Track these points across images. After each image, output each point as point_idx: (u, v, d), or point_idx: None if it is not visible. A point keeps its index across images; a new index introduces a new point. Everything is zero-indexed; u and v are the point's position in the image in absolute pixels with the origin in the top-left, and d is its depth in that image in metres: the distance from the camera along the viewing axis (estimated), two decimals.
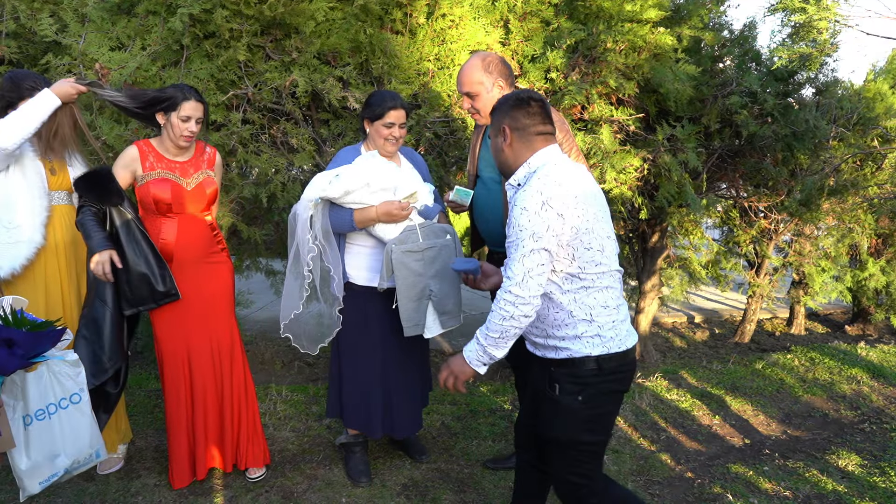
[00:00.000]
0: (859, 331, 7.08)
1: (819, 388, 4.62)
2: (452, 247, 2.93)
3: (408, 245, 2.83)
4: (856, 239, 6.24)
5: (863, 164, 5.87)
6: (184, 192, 2.89)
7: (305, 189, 2.85)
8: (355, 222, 2.85)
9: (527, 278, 2.03)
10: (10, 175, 2.87)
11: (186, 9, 3.18)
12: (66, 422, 2.56)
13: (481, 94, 2.80)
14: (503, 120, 2.22)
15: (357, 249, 3.00)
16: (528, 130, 2.20)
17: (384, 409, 3.12)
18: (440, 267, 2.88)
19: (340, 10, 3.47)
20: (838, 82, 5.15)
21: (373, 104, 2.96)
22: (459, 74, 2.84)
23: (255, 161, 3.65)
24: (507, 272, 2.08)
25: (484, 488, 3.18)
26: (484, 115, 2.85)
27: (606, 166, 3.82)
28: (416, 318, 2.88)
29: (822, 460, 3.56)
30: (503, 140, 2.22)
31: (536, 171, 2.16)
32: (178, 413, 2.99)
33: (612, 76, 3.80)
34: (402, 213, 2.83)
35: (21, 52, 3.49)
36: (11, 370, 2.32)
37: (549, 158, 2.17)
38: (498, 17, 3.80)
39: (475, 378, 3.41)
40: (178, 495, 3.03)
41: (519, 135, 2.20)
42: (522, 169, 2.20)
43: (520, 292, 2.04)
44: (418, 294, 2.86)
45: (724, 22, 4.83)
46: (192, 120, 2.81)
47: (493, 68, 2.78)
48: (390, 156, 3.03)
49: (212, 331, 3.01)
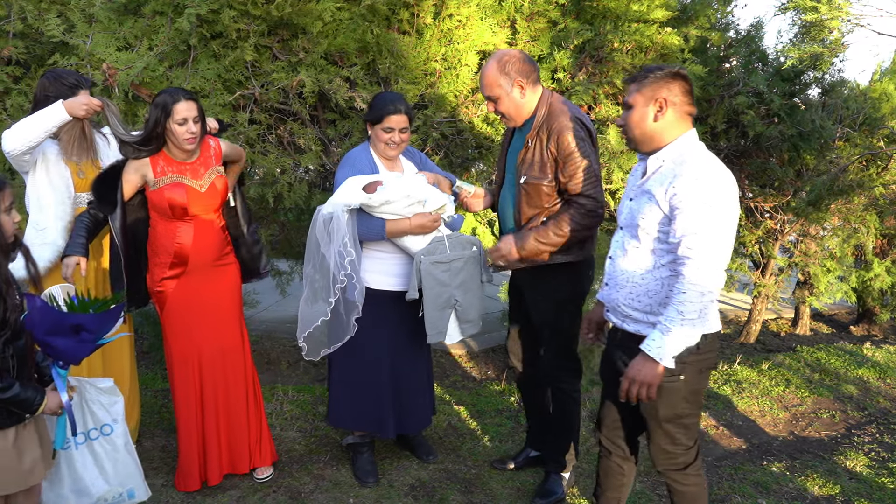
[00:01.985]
0: (864, 331, 7.07)
1: (825, 388, 4.61)
2: (478, 259, 2.93)
3: (436, 256, 2.84)
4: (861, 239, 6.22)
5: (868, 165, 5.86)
6: (198, 195, 2.87)
7: (336, 194, 2.83)
8: (387, 233, 2.84)
9: (713, 252, 2.05)
10: (38, 176, 2.90)
11: (194, 9, 3.18)
12: (94, 454, 2.46)
13: (502, 97, 2.73)
14: (660, 91, 2.15)
15: (374, 254, 2.97)
16: (683, 108, 2.18)
17: (395, 408, 3.12)
18: (466, 278, 2.89)
19: (347, 10, 3.47)
20: (844, 82, 5.14)
21: (374, 107, 2.93)
22: (480, 78, 2.79)
23: (261, 161, 3.65)
24: (691, 247, 2.05)
25: (491, 489, 3.18)
26: (511, 117, 2.79)
27: (613, 166, 3.82)
28: (440, 325, 2.91)
29: (830, 461, 3.55)
30: (657, 111, 2.16)
31: (691, 150, 2.16)
32: (187, 416, 2.98)
33: (619, 76, 3.80)
34: (434, 225, 2.85)
35: (28, 53, 3.49)
36: (83, 356, 2.25)
37: (695, 139, 2.20)
38: (505, 18, 3.80)
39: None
40: (186, 495, 3.03)
41: (674, 110, 2.16)
42: (674, 147, 2.17)
43: (709, 270, 2.04)
44: (444, 303, 2.88)
45: (731, 22, 4.82)
46: (188, 121, 2.74)
47: (511, 68, 2.69)
48: (392, 160, 3.02)
49: (222, 331, 3.01)
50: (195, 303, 2.93)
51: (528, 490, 3.17)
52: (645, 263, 2.21)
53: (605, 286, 2.38)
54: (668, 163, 2.17)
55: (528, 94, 2.73)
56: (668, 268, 2.16)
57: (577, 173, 2.67)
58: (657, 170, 2.19)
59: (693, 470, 2.34)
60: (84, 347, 2.22)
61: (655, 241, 2.18)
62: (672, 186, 2.09)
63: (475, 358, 5.21)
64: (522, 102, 2.74)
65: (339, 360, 3.10)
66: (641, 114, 2.18)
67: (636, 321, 2.25)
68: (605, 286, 2.39)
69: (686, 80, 2.17)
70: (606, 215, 4.25)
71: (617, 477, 2.57)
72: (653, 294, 2.20)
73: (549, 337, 2.98)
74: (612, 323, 2.41)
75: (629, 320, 2.27)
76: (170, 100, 2.71)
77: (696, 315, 2.06)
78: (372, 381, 3.08)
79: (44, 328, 2.09)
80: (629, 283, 2.25)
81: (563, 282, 2.90)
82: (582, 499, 3.15)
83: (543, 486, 3.10)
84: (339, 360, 3.10)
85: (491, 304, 6.41)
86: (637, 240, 2.22)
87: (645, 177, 2.23)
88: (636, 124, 2.20)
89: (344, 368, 3.11)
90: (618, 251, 2.32)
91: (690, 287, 2.04)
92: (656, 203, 2.14)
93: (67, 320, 2.15)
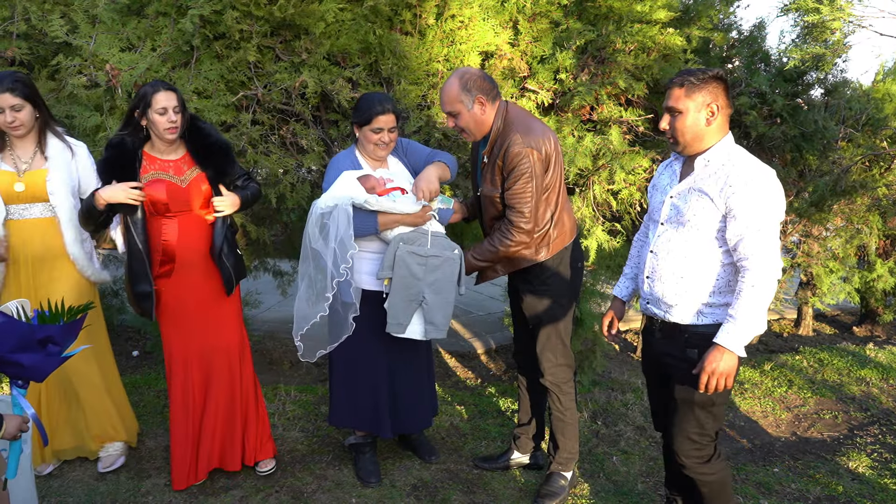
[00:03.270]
0: (867, 332, 7.05)
1: (828, 389, 4.60)
2: (457, 262, 2.90)
3: (414, 247, 2.84)
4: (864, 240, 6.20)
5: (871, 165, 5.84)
6: (179, 189, 2.87)
7: (333, 188, 2.83)
8: (379, 225, 2.85)
9: (774, 246, 2.20)
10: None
11: (197, 10, 3.19)
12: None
13: (462, 112, 2.78)
14: (709, 96, 2.24)
15: (365, 255, 2.97)
16: (727, 110, 2.29)
17: (394, 409, 3.12)
18: (440, 277, 2.88)
19: (350, 11, 3.47)
20: (847, 83, 5.12)
21: (360, 109, 2.91)
22: (440, 94, 2.83)
23: (264, 161, 3.65)
24: (756, 244, 2.18)
25: (493, 489, 3.18)
26: (471, 132, 2.85)
27: (616, 167, 3.82)
28: (402, 318, 2.89)
29: (832, 462, 3.55)
30: (709, 116, 2.25)
31: (737, 151, 2.28)
32: (180, 412, 3.02)
33: (622, 77, 3.80)
34: (425, 218, 2.88)
35: (32, 54, 3.50)
36: (50, 372, 2.16)
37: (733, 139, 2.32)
38: (507, 18, 3.80)
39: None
40: (188, 495, 3.04)
41: (723, 114, 2.27)
42: (719, 148, 2.28)
43: (774, 263, 2.19)
44: (411, 296, 2.87)
45: (734, 22, 4.80)
46: (168, 111, 2.77)
47: (472, 85, 2.74)
48: (381, 160, 3.02)
49: (217, 329, 3.03)
50: (189, 300, 2.95)
51: (531, 490, 3.18)
52: (695, 256, 2.32)
53: (647, 279, 2.46)
54: (715, 163, 2.28)
55: (487, 111, 2.79)
56: (720, 262, 2.29)
57: (513, 187, 2.76)
58: (703, 169, 2.29)
59: (716, 460, 2.45)
60: (51, 362, 2.13)
61: (707, 236, 2.29)
62: (729, 186, 2.20)
63: (477, 358, 5.21)
64: (482, 119, 2.81)
65: (339, 360, 3.11)
66: (694, 119, 2.26)
67: (682, 311, 2.36)
68: (645, 279, 2.47)
69: (727, 83, 2.27)
70: (608, 215, 4.26)
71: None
72: (702, 285, 2.32)
73: (542, 335, 3.01)
74: (651, 315, 2.50)
75: (673, 310, 2.37)
76: (150, 90, 2.77)
77: (763, 307, 2.20)
78: (369, 382, 3.08)
79: (9, 345, 1.98)
80: (675, 275, 2.36)
81: (553, 280, 2.96)
82: (583, 499, 3.15)
83: (545, 486, 3.10)
84: (338, 360, 3.12)
85: (493, 304, 6.42)
86: (685, 234, 2.33)
87: (690, 176, 2.33)
88: (688, 129, 2.28)
89: (343, 369, 3.13)
90: (661, 245, 2.40)
91: (759, 281, 2.17)
92: (710, 200, 2.25)
93: (37, 334, 2.06)
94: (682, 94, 2.25)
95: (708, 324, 2.32)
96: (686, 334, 2.36)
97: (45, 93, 3.45)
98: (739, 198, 2.19)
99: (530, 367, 3.16)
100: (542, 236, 2.90)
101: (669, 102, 2.29)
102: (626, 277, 2.76)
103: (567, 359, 3.04)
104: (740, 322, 2.19)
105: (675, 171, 2.44)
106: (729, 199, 2.21)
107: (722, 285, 2.31)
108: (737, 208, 2.19)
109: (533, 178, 2.75)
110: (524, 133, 2.75)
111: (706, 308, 2.33)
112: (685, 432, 2.41)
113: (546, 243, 2.91)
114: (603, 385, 4.55)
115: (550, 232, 2.90)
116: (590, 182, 3.97)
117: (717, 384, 2.23)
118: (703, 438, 2.40)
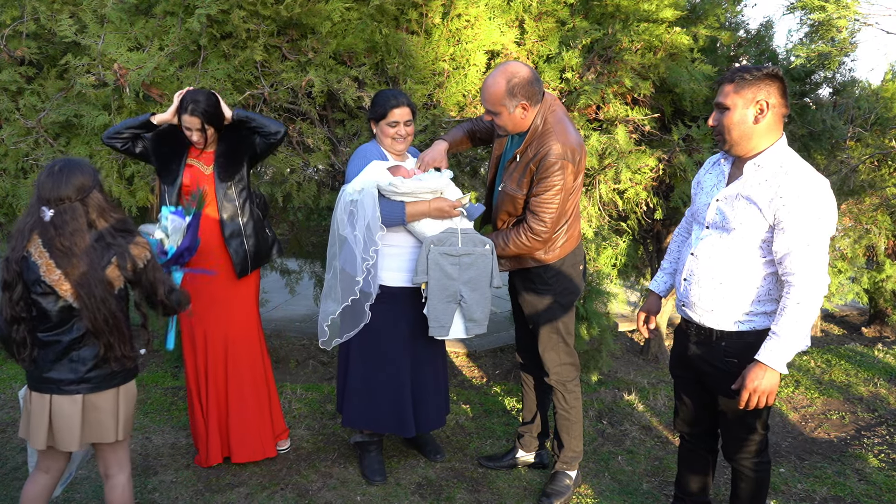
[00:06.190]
0: (876, 333, 7.01)
1: (835, 389, 4.58)
2: (490, 258, 2.90)
3: (446, 247, 2.85)
4: (873, 240, 6.17)
5: (880, 165, 5.81)
6: (203, 176, 3.01)
7: (362, 174, 2.85)
8: (406, 215, 2.84)
9: (822, 262, 2.12)
10: None
11: (204, 9, 3.20)
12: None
13: (503, 114, 2.74)
14: (759, 93, 2.16)
15: (388, 250, 2.93)
16: (780, 110, 2.20)
17: (414, 407, 3.12)
18: (475, 275, 2.89)
19: (356, 10, 3.48)
20: (856, 82, 5.09)
21: (376, 104, 2.96)
22: (483, 88, 2.75)
23: (270, 160, 3.67)
24: (804, 260, 2.11)
25: (498, 488, 3.18)
26: (507, 131, 2.84)
27: (622, 166, 3.81)
28: (444, 320, 2.90)
29: (840, 462, 3.53)
30: (757, 113, 2.17)
31: (790, 158, 2.19)
32: (193, 397, 3.16)
33: (628, 76, 3.79)
34: (454, 212, 2.87)
35: (41, 53, 3.53)
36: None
37: (787, 145, 2.24)
38: (513, 17, 3.80)
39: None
40: (195, 492, 3.06)
41: (773, 112, 2.18)
42: (771, 154, 2.20)
43: (822, 280, 2.12)
44: (449, 297, 2.88)
45: (741, 21, 4.79)
46: (192, 131, 2.92)
47: (518, 90, 2.67)
48: (400, 154, 3.03)
49: (231, 319, 3.11)
50: (203, 288, 3.00)
51: (536, 489, 3.18)
52: (737, 264, 2.26)
53: (684, 281, 2.42)
54: (766, 170, 2.20)
55: (528, 114, 2.76)
56: (763, 270, 2.23)
57: (542, 195, 2.74)
58: (754, 175, 2.21)
59: (765, 456, 2.44)
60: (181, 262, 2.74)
61: (752, 244, 2.23)
62: (780, 198, 2.12)
63: (483, 357, 5.21)
64: (522, 122, 2.77)
65: (357, 360, 3.07)
66: (741, 116, 2.19)
67: (719, 317, 2.31)
68: (682, 281, 2.42)
69: (783, 82, 2.18)
70: (614, 214, 4.25)
71: (702, 465, 2.70)
72: (743, 293, 2.26)
73: (543, 334, 3.01)
74: (686, 318, 2.46)
75: (710, 315, 2.33)
76: (183, 111, 2.93)
77: (808, 325, 2.13)
78: (393, 382, 3.06)
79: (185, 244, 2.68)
80: (714, 280, 2.30)
81: (554, 280, 2.96)
82: (588, 498, 3.15)
83: (550, 485, 3.10)
84: (356, 360, 3.07)
85: (499, 304, 6.41)
86: (729, 241, 2.27)
87: (738, 181, 2.25)
88: (735, 126, 2.20)
89: (363, 368, 3.08)
90: (703, 249, 2.35)
91: (805, 298, 2.11)
92: (758, 209, 2.17)
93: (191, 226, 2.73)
94: (732, 91, 2.18)
95: (745, 331, 2.28)
96: (723, 342, 2.32)
97: (53, 92, 3.48)
98: (790, 210, 2.10)
99: (534, 365, 3.16)
100: (552, 241, 2.90)
101: (719, 98, 2.22)
102: (665, 272, 2.70)
103: (571, 357, 3.04)
104: (784, 339, 2.12)
105: (723, 171, 2.36)
106: (778, 211, 2.12)
107: (762, 294, 2.25)
108: (786, 221, 2.11)
109: (563, 191, 2.74)
110: (564, 142, 2.70)
111: (745, 316, 2.27)
112: (735, 435, 2.42)
113: (554, 247, 2.90)
114: (608, 384, 4.55)
115: (561, 237, 2.90)
116: (596, 181, 3.97)
117: (759, 401, 2.18)
118: (754, 436, 2.39)
